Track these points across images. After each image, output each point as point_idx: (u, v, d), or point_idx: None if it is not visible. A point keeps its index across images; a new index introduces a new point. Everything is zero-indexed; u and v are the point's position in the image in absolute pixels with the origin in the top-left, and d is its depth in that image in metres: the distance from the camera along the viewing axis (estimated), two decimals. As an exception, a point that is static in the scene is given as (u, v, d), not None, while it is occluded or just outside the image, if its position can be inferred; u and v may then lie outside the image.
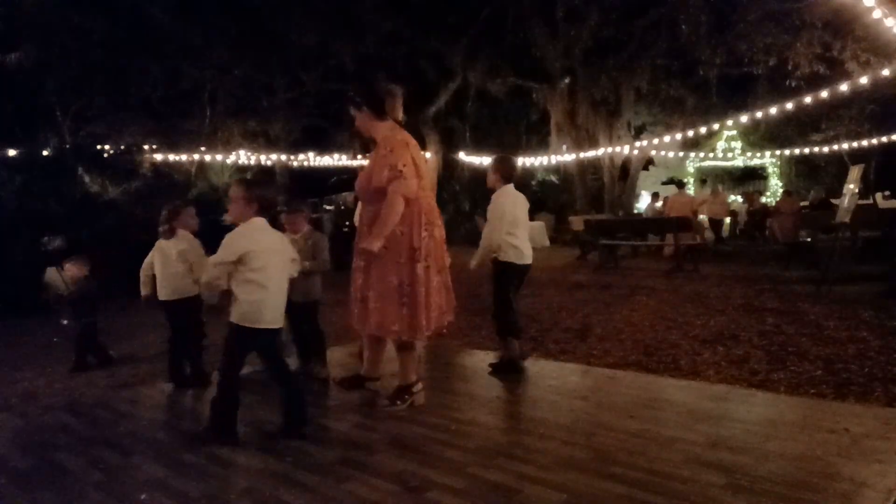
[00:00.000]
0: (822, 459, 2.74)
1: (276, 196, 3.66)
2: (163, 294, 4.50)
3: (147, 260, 4.65)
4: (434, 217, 3.62)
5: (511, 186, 4.48)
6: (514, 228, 4.39)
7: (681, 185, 16.46)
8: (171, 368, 4.59)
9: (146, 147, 15.95)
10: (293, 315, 4.52)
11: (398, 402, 3.73)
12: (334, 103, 19.87)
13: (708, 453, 2.87)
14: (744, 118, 16.38)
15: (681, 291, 8.55)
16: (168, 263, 4.48)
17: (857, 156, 18.73)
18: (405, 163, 3.43)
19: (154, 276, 4.53)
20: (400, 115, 3.71)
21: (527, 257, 4.47)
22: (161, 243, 4.58)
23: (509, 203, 4.40)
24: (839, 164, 20.89)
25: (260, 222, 3.30)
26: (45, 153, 13.87)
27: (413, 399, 3.76)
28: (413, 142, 3.64)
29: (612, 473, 2.70)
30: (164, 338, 4.94)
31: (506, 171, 4.48)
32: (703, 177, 24.24)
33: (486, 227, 4.40)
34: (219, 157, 17.40)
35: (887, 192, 18.14)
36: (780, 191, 19.44)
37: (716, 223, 16.00)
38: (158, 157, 16.04)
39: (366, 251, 3.47)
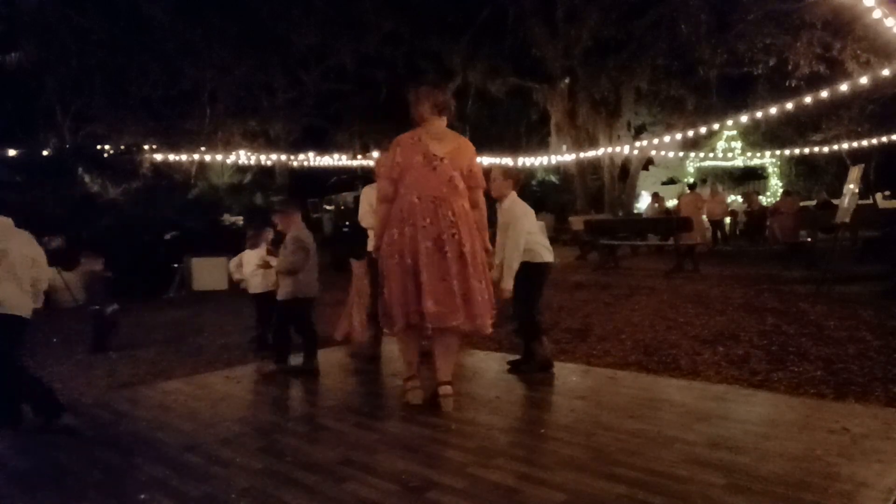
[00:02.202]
0: (822, 459, 2.74)
1: None
2: (252, 288, 5.85)
3: (233, 261, 6.12)
4: (412, 215, 3.54)
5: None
6: (536, 229, 4.42)
7: (692, 186, 16.46)
8: (257, 342, 5.93)
9: (146, 147, 15.96)
10: (282, 312, 4.81)
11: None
12: (334, 103, 19.92)
13: (708, 453, 2.87)
14: (744, 118, 16.39)
15: (681, 291, 8.54)
16: (248, 266, 5.80)
17: (857, 156, 18.75)
18: (384, 164, 3.71)
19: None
20: (426, 113, 3.68)
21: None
22: (247, 252, 5.92)
23: (527, 207, 4.44)
24: (839, 164, 20.91)
25: (4, 220, 3.74)
26: (45, 153, 13.88)
27: (406, 396, 3.77)
28: (410, 141, 3.63)
29: (612, 473, 2.70)
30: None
31: (518, 179, 4.49)
32: (703, 177, 24.27)
33: (513, 235, 4.21)
34: (219, 157, 17.39)
35: (887, 192, 18.16)
36: (780, 191, 19.45)
37: (715, 223, 15.99)
38: (158, 157, 16.04)
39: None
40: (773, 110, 15.19)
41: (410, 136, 3.66)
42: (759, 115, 15.81)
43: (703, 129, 17.13)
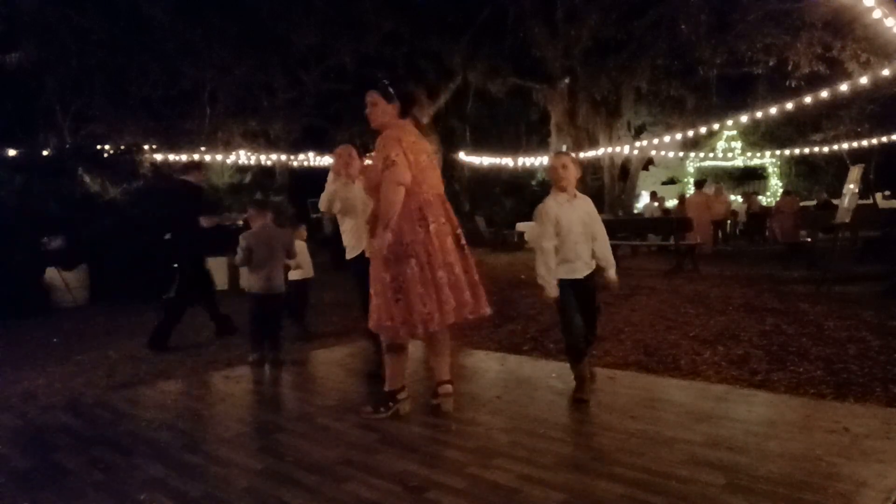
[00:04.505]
0: (822, 459, 2.74)
1: None
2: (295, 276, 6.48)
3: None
4: (431, 212, 3.49)
5: None
6: None
7: (699, 184, 16.43)
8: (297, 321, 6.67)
9: (146, 147, 15.94)
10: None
11: (381, 410, 3.61)
12: (334, 103, 19.89)
13: (708, 453, 2.87)
14: (744, 118, 16.40)
15: (681, 291, 8.54)
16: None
17: (857, 156, 18.73)
18: (397, 153, 3.44)
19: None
20: (424, 118, 3.75)
21: None
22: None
23: None
24: (839, 164, 20.89)
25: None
26: (45, 153, 13.87)
27: (398, 407, 3.64)
28: (411, 138, 3.58)
29: (612, 473, 2.70)
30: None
31: None
32: (704, 177, 24.30)
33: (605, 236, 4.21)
34: (219, 157, 17.39)
35: (887, 192, 18.17)
36: (780, 191, 19.45)
37: (716, 223, 15.98)
38: (158, 157, 16.03)
39: (375, 250, 3.49)
40: (773, 110, 15.20)
41: (409, 135, 3.60)
42: (759, 115, 15.82)
43: (703, 129, 17.13)
